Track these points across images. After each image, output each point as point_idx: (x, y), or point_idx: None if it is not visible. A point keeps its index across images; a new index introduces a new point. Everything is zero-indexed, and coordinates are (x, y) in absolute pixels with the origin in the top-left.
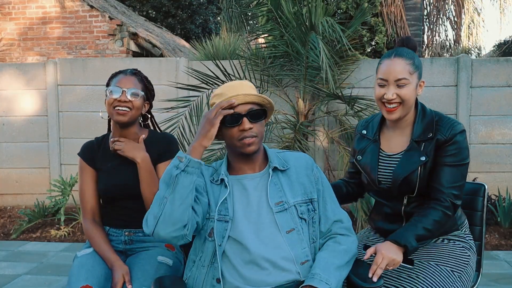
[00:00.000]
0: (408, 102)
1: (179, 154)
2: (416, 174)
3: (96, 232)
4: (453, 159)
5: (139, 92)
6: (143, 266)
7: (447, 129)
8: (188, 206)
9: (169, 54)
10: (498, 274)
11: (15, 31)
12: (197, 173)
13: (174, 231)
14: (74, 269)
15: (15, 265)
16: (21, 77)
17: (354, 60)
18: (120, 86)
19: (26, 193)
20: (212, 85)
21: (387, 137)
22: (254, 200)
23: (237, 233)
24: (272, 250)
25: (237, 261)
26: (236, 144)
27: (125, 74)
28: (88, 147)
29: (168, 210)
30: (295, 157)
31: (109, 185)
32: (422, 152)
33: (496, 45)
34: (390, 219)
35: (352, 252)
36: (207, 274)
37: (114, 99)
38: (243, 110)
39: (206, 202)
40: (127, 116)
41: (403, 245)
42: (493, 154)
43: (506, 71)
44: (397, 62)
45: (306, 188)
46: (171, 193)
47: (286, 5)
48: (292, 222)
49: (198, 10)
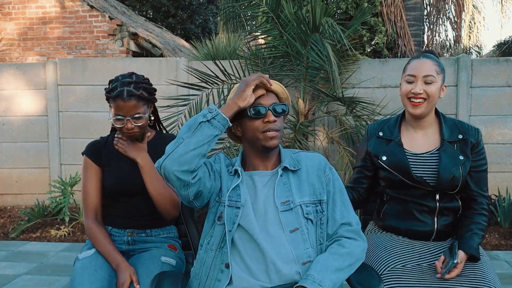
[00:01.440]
0: (433, 100)
1: (210, 106)
2: (459, 172)
3: (99, 231)
4: (483, 162)
5: (142, 115)
6: (148, 267)
7: (475, 132)
8: (200, 154)
9: (169, 54)
10: (498, 274)
11: (15, 31)
12: (220, 128)
13: (179, 172)
14: (76, 273)
15: (15, 265)
16: (21, 77)
17: (354, 60)
18: (121, 115)
19: (26, 193)
20: (212, 84)
21: (408, 137)
22: (261, 197)
23: (246, 222)
24: (274, 248)
25: (244, 251)
26: (259, 136)
27: (123, 100)
28: (93, 145)
29: (181, 150)
30: (309, 157)
31: (116, 180)
32: (458, 152)
33: (496, 45)
34: (408, 217)
35: (355, 256)
36: (215, 257)
37: (121, 127)
38: (268, 103)
39: (218, 185)
40: (135, 136)
41: (475, 257)
42: (493, 154)
43: (506, 71)
44: (425, 61)
45: (316, 189)
46: (190, 136)
47: (287, 5)
48: (296, 221)
49: (198, 10)
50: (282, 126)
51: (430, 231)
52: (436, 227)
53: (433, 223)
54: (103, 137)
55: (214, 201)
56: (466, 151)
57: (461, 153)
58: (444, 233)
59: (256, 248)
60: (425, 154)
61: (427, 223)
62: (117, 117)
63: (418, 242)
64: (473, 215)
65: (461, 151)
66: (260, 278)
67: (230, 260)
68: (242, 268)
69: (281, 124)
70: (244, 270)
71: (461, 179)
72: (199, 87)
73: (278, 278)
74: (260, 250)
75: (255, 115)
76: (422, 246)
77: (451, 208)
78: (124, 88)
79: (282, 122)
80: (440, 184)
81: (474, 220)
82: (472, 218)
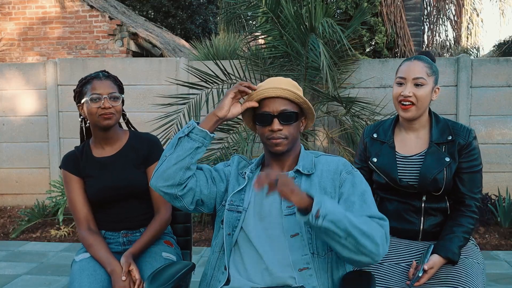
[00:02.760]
0: (423, 104)
1: (189, 122)
2: (442, 174)
3: (92, 240)
4: (475, 163)
5: (119, 96)
6: (151, 263)
7: (465, 133)
8: (182, 167)
9: (169, 54)
10: (498, 274)
11: (15, 31)
12: (200, 140)
13: (165, 187)
14: (74, 275)
15: (15, 265)
16: (21, 77)
17: (354, 60)
18: (98, 93)
19: (26, 193)
20: (212, 84)
21: (401, 139)
22: (269, 199)
23: (248, 226)
24: (272, 252)
25: (245, 253)
26: (265, 142)
27: (99, 79)
28: (69, 157)
29: (164, 166)
30: (328, 161)
31: (100, 189)
32: (445, 154)
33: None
34: (396, 217)
35: (372, 232)
36: (219, 259)
37: (97, 108)
38: (276, 111)
39: (222, 189)
40: (113, 119)
41: (452, 260)
42: (493, 154)
43: (506, 71)
44: (416, 64)
45: (326, 193)
46: (172, 153)
47: (286, 5)
48: (297, 226)
49: (198, 10)
50: (292, 133)
51: (417, 231)
52: (423, 227)
53: (420, 223)
54: (77, 147)
55: (219, 205)
56: (454, 152)
57: (448, 154)
58: (431, 234)
59: (255, 252)
60: (414, 156)
61: (414, 223)
62: (92, 95)
63: (404, 242)
64: (459, 217)
65: (448, 152)
66: (253, 280)
67: (230, 262)
68: (240, 270)
69: (291, 131)
70: (241, 272)
71: (445, 181)
72: (199, 87)
73: (270, 280)
74: (258, 253)
75: (260, 123)
76: (405, 246)
77: (438, 209)
78: (99, 72)
79: (295, 128)
80: (422, 186)
81: (459, 222)
82: (457, 220)
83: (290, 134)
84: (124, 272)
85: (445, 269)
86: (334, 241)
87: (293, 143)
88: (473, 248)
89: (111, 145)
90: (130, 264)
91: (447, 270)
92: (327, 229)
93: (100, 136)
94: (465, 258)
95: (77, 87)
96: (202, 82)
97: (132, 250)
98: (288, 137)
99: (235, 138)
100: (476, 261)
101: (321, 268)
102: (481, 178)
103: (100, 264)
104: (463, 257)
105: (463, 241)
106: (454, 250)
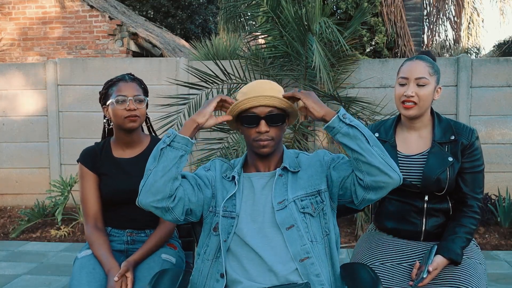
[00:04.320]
0: (425, 103)
1: (169, 131)
2: (445, 174)
3: (96, 238)
4: (477, 163)
5: (144, 99)
6: (148, 264)
7: (468, 133)
8: (170, 179)
9: (169, 54)
10: (498, 274)
11: (15, 31)
12: (183, 148)
13: (155, 201)
14: (75, 273)
15: (15, 265)
16: (21, 77)
17: (354, 60)
18: (124, 95)
19: (26, 193)
20: (212, 84)
21: (402, 139)
22: (260, 199)
23: (241, 230)
24: (271, 250)
25: (241, 257)
26: (251, 143)
27: (125, 81)
28: (88, 152)
29: (151, 180)
30: (309, 157)
31: (114, 191)
32: (448, 153)
33: (496, 45)
34: (398, 218)
35: (381, 158)
36: (211, 267)
37: (123, 110)
38: (263, 113)
39: (209, 195)
40: (137, 121)
41: (455, 261)
42: (493, 154)
43: (506, 71)
44: (418, 63)
45: (313, 180)
46: (156, 165)
47: (286, 5)
48: (291, 218)
49: (197, 10)
50: (278, 135)
51: (419, 232)
52: (425, 228)
53: (422, 224)
54: (98, 143)
55: (207, 212)
56: (457, 152)
57: (451, 154)
58: (434, 234)
59: (254, 254)
60: (416, 156)
61: (416, 223)
62: (118, 97)
63: (406, 242)
64: (461, 217)
65: (451, 152)
66: (257, 280)
67: (227, 267)
68: (239, 273)
69: (277, 133)
70: (241, 274)
71: (448, 181)
72: (199, 87)
73: (276, 280)
74: (258, 255)
75: (247, 124)
76: (408, 246)
77: (440, 210)
78: (125, 74)
79: (280, 130)
80: (425, 186)
81: (461, 223)
82: (459, 220)
83: (276, 135)
84: (119, 273)
85: (448, 270)
86: (361, 148)
87: (278, 144)
88: (475, 249)
89: (132, 148)
90: (128, 270)
91: (450, 271)
92: (355, 131)
93: (123, 138)
94: (467, 259)
95: (103, 89)
96: (202, 82)
97: (135, 258)
98: (274, 139)
99: (235, 138)
100: (479, 261)
101: (321, 254)
102: (483, 178)
103: (99, 262)
104: (465, 258)
105: (465, 242)
106: (456, 251)
